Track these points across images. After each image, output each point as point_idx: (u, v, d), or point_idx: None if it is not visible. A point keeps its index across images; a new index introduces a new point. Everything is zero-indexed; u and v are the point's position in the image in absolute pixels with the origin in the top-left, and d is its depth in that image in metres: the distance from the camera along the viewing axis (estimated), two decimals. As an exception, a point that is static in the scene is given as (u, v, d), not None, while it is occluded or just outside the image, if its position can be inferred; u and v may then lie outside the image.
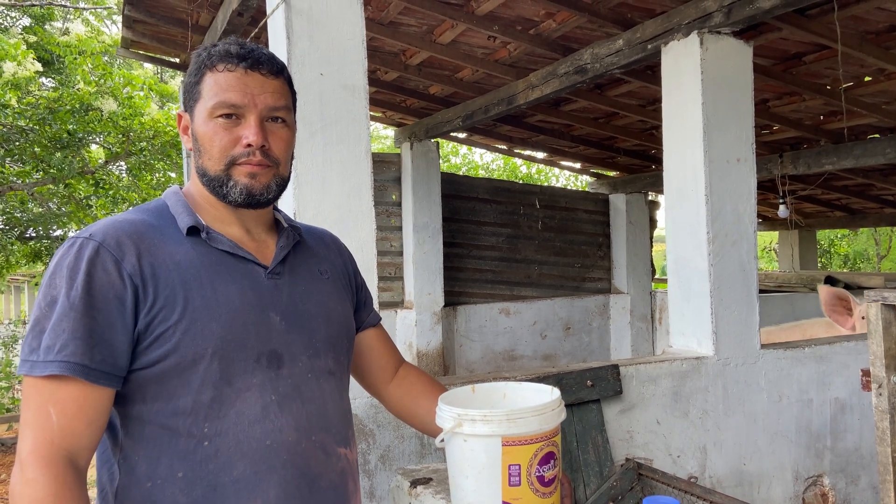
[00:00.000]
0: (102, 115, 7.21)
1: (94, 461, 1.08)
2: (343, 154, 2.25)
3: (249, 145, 1.12)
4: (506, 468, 1.07)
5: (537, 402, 1.12)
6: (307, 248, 1.26)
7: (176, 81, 9.56)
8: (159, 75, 10.44)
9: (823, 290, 3.23)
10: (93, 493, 1.12)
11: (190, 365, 1.04)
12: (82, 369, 0.98)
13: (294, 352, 1.13)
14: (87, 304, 1.00)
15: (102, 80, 7.46)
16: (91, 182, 8.15)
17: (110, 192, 8.18)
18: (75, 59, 7.84)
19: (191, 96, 1.15)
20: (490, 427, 1.06)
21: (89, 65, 7.68)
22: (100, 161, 8.12)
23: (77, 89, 7.46)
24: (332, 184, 2.23)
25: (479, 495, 1.09)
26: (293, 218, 1.41)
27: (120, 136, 7.61)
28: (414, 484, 1.42)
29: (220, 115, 1.11)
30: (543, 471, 1.09)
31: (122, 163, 8.46)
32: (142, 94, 7.75)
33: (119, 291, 1.02)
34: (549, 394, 1.19)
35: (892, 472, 1.79)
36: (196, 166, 1.16)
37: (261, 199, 1.14)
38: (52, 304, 1.00)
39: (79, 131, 7.24)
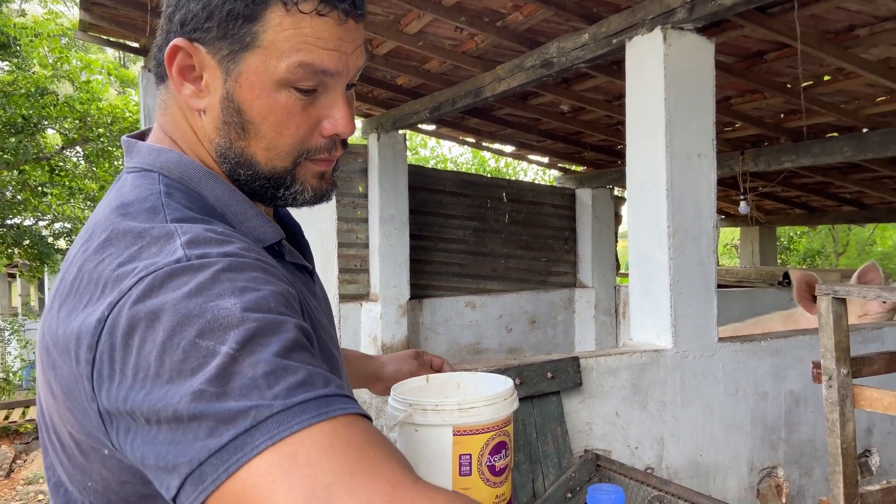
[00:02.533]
0: (58, 100, 7.01)
1: None
2: (303, 142, 2.22)
3: (338, 135, 0.78)
4: (456, 458, 1.06)
5: (490, 392, 1.11)
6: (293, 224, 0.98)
7: (138, 67, 9.35)
8: (121, 61, 10.19)
9: (795, 275, 3.29)
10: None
11: None
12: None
13: (346, 378, 0.90)
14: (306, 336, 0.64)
15: (59, 64, 7.25)
16: (46, 168, 7.92)
17: (66, 180, 7.97)
18: (31, 41, 7.60)
19: (230, 30, 0.71)
20: (441, 417, 1.04)
21: (46, 48, 7.46)
22: (56, 147, 7.91)
23: (33, 73, 7.25)
24: (291, 172, 2.19)
25: None
26: None
27: (77, 121, 7.41)
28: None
29: (300, 88, 0.74)
30: (495, 460, 1.08)
31: (79, 149, 8.25)
32: (100, 78, 7.55)
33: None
34: (503, 384, 1.18)
35: (842, 463, 1.83)
36: (226, 149, 0.76)
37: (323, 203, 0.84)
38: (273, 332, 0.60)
39: (34, 116, 7.03)
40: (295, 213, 0.97)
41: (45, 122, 7.57)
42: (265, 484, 0.53)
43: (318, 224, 2.13)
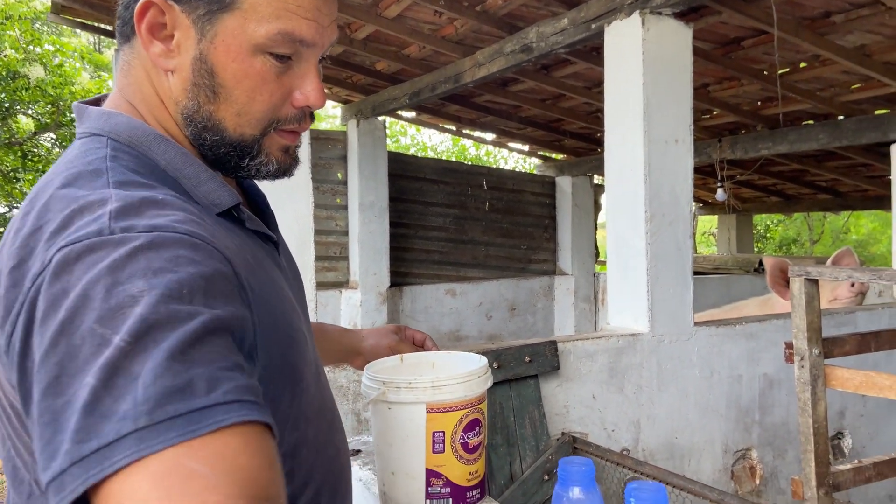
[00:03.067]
0: (30, 83, 6.87)
1: None
2: (279, 124, 2.19)
3: (308, 107, 0.78)
4: (430, 435, 1.06)
5: (464, 370, 1.11)
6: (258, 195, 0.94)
7: (112, 52, 9.18)
8: (95, 46, 10.00)
9: (768, 262, 3.33)
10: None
11: (275, 407, 0.69)
12: (260, 409, 0.57)
13: (316, 355, 0.86)
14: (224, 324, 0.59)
15: (31, 47, 7.10)
16: (19, 154, 7.78)
17: (39, 166, 7.83)
18: (2, 24, 7.43)
19: None
20: (414, 394, 1.05)
21: (17, 30, 7.30)
22: (29, 132, 7.76)
23: (4, 56, 7.09)
24: (266, 154, 2.16)
25: (402, 463, 1.08)
26: None
27: (49, 105, 7.27)
28: (342, 457, 1.40)
29: (276, 54, 0.73)
30: (468, 437, 1.08)
31: (52, 134, 8.10)
32: (73, 62, 7.41)
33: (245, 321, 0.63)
34: (477, 362, 1.18)
35: (813, 443, 1.85)
36: (193, 112, 0.74)
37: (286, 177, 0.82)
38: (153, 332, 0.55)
39: (6, 100, 6.88)
40: (272, 193, 0.98)
41: (18, 107, 7.42)
42: None
43: (294, 206, 2.11)
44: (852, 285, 3.32)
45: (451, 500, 1.10)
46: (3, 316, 0.61)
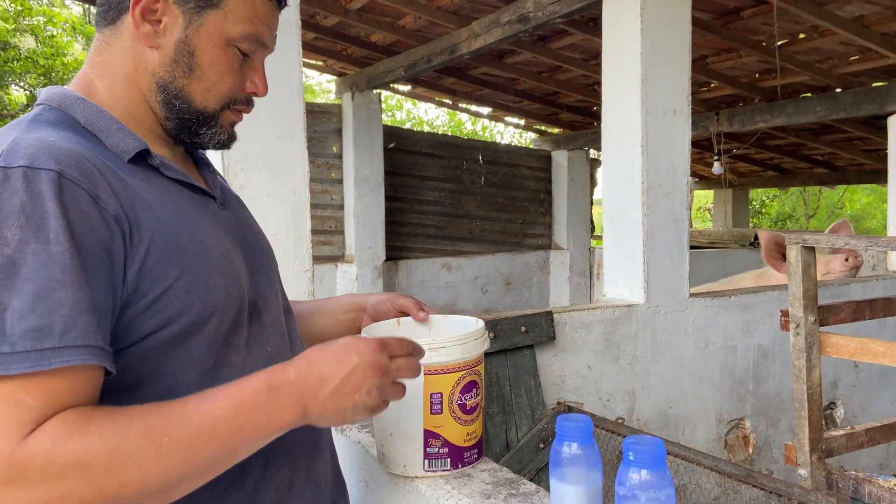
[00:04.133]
0: (21, 54, 6.76)
1: None
2: (273, 93, 2.14)
3: (255, 94, 0.96)
4: (427, 397, 1.07)
5: (460, 332, 1.11)
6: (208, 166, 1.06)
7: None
8: (86, 17, 9.86)
9: (763, 235, 3.33)
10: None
11: (195, 331, 0.82)
12: (102, 354, 0.71)
13: (265, 294, 0.97)
14: (78, 261, 0.71)
15: (21, 18, 6.99)
16: (10, 126, 7.70)
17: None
18: (-9, -5, 7.31)
19: None
20: None
21: (7, 1, 7.18)
22: (21, 104, 7.67)
23: (-7, 27, 6.98)
24: (261, 124, 2.14)
25: (400, 424, 1.09)
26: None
27: (41, 76, 7.17)
28: (339, 422, 1.40)
29: (242, 50, 0.92)
30: (466, 399, 1.08)
31: (44, 106, 8.00)
32: (64, 33, 7.30)
33: (106, 241, 0.74)
34: (474, 325, 1.18)
35: (807, 409, 1.87)
36: (168, 82, 0.90)
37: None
38: (11, 266, 0.68)
39: (-4, 71, 6.80)
40: (270, 166, 1.25)
41: (9, 78, 7.32)
42: None
43: (289, 176, 2.10)
44: (846, 259, 3.33)
45: (448, 459, 1.10)
46: None
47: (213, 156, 2.10)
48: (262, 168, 2.18)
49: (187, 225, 0.85)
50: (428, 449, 1.09)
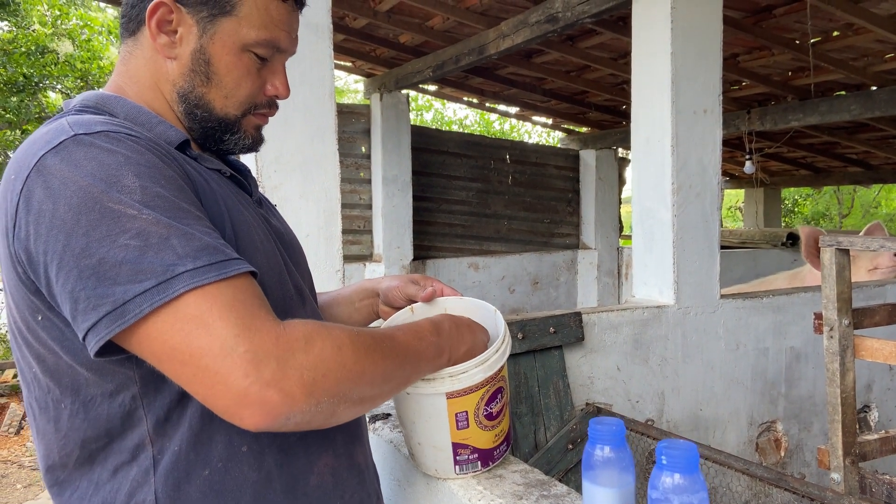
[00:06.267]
0: (59, 58, 6.94)
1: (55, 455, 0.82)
2: (306, 95, 2.20)
3: (276, 97, 0.97)
4: (453, 416, 1.04)
5: (481, 356, 1.06)
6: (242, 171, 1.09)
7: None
8: (120, 20, 10.06)
9: (804, 231, 3.28)
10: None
11: None
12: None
13: (300, 285, 0.98)
14: (194, 199, 0.80)
15: (59, 22, 7.16)
16: (49, 129, 7.88)
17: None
18: (30, -1, 7.50)
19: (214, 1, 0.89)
20: (433, 386, 1.01)
21: (45, 5, 7.36)
22: (58, 107, 7.86)
23: (33, 31, 7.16)
24: (294, 126, 2.18)
25: (427, 437, 1.09)
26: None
27: (78, 80, 7.35)
28: (373, 419, 1.43)
29: (258, 55, 0.92)
30: (491, 408, 1.07)
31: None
32: (100, 37, 7.46)
33: (191, 193, 0.80)
34: (493, 314, 1.15)
35: (841, 412, 1.85)
36: (188, 92, 0.91)
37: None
38: (148, 206, 0.72)
39: (35, 75, 6.97)
40: (301, 164, 1.26)
41: (47, 82, 7.51)
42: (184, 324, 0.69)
43: (320, 178, 2.13)
44: (895, 255, 3.27)
45: (479, 462, 1.11)
46: (3, 226, 0.76)
47: (246, 159, 2.14)
48: (295, 170, 2.22)
49: (231, 204, 0.88)
50: (458, 457, 1.09)
